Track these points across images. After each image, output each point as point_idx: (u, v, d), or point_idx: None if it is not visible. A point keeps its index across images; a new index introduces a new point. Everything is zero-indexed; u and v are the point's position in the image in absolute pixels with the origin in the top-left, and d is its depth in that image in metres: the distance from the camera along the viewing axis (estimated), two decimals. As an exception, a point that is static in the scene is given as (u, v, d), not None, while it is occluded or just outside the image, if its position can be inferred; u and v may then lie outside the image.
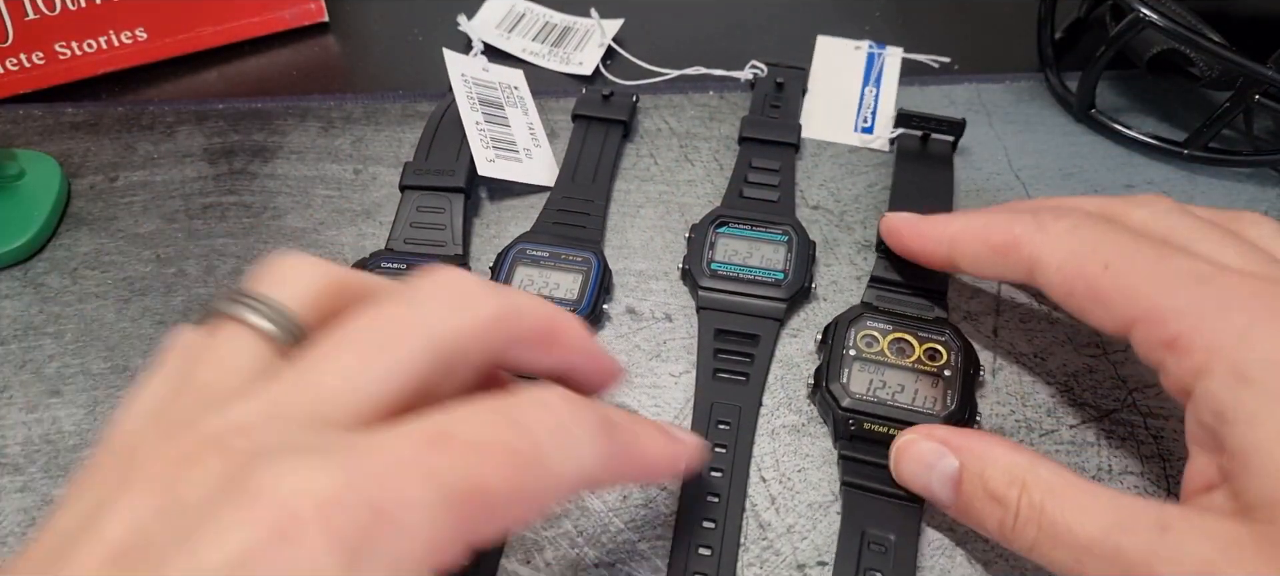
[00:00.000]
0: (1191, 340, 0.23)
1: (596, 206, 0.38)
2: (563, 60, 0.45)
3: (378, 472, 0.16)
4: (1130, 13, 0.37)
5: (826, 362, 0.31)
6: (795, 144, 0.39)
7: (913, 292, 0.33)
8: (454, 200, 0.37)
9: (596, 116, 0.41)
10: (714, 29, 0.48)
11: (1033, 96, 0.43)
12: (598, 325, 0.34)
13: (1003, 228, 0.28)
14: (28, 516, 0.29)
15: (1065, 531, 0.23)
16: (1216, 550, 0.22)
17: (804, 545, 0.28)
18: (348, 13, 0.49)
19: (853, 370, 0.31)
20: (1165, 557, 0.22)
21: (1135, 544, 0.22)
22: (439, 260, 0.35)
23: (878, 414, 0.29)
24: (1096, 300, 0.25)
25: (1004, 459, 0.25)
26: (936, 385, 0.30)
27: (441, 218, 0.36)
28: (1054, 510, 0.24)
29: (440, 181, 0.37)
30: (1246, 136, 0.40)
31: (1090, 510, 0.23)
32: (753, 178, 0.38)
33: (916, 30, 0.47)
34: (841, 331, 0.32)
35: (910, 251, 0.32)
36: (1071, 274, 0.26)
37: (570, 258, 0.35)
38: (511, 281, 0.34)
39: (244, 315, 0.20)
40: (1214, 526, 0.22)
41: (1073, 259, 0.26)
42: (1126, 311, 0.25)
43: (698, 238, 0.36)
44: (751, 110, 0.41)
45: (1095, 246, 0.26)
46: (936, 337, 0.31)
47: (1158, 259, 0.25)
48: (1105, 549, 0.23)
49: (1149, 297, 0.24)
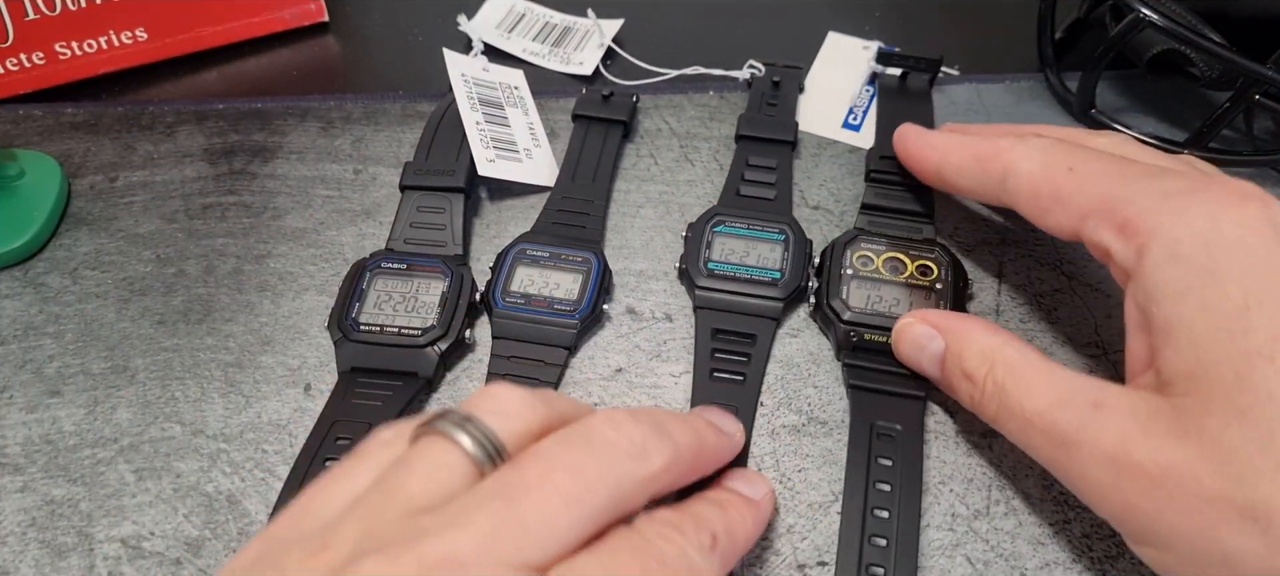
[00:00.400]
0: (1136, 224, 0.25)
1: (596, 206, 0.38)
2: (563, 60, 0.45)
3: None
4: (1130, 13, 0.37)
5: (826, 282, 0.33)
6: (792, 142, 0.39)
7: (902, 216, 0.36)
8: (454, 200, 0.37)
9: (596, 116, 0.41)
10: (714, 29, 0.48)
11: (1033, 96, 0.43)
12: (598, 326, 0.34)
13: (987, 141, 0.31)
14: (28, 516, 0.29)
15: (1016, 406, 0.26)
16: (1135, 425, 0.23)
17: (804, 545, 0.28)
18: (348, 13, 0.49)
19: (851, 287, 0.33)
20: (1092, 433, 0.24)
21: (1069, 419, 0.24)
22: (439, 260, 0.35)
23: (876, 325, 0.32)
24: (1057, 199, 0.27)
25: (979, 340, 0.28)
26: (929, 298, 0.33)
27: (441, 217, 0.36)
28: (1010, 386, 0.26)
29: (440, 181, 0.37)
30: (1246, 136, 0.40)
31: (1038, 387, 0.26)
32: (749, 176, 0.38)
33: (916, 30, 0.47)
34: (838, 253, 0.34)
35: (909, 156, 0.34)
36: (1038, 177, 0.28)
37: (570, 258, 0.35)
38: (511, 282, 0.34)
39: (461, 439, 0.21)
40: (1139, 403, 0.23)
41: (1042, 166, 0.28)
42: (1082, 205, 0.27)
43: (694, 237, 0.36)
44: (748, 109, 0.41)
45: (1064, 155, 0.28)
46: (927, 255, 0.34)
47: (1118, 164, 0.27)
48: (1044, 423, 0.25)
49: (1104, 190, 0.26)
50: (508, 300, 0.34)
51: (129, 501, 0.30)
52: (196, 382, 0.33)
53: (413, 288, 0.34)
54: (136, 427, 0.32)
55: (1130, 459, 0.23)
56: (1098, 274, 0.35)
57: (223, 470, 0.30)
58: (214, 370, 0.33)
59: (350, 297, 0.34)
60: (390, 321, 0.33)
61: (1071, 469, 0.25)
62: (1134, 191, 0.25)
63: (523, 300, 0.34)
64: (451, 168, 0.37)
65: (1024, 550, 0.28)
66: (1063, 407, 0.25)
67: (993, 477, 0.30)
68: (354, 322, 0.33)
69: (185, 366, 0.33)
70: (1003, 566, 0.28)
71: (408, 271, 0.34)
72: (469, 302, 0.33)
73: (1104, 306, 0.34)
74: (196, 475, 0.30)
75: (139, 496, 0.30)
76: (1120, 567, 0.27)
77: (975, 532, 0.28)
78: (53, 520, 0.29)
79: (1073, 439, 0.24)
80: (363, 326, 0.33)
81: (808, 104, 0.43)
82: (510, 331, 0.33)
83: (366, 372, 0.32)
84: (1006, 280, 0.35)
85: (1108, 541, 0.28)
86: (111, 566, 0.28)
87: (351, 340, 0.32)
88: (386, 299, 0.33)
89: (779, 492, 0.30)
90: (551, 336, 0.33)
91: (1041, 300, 0.35)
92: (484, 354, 0.33)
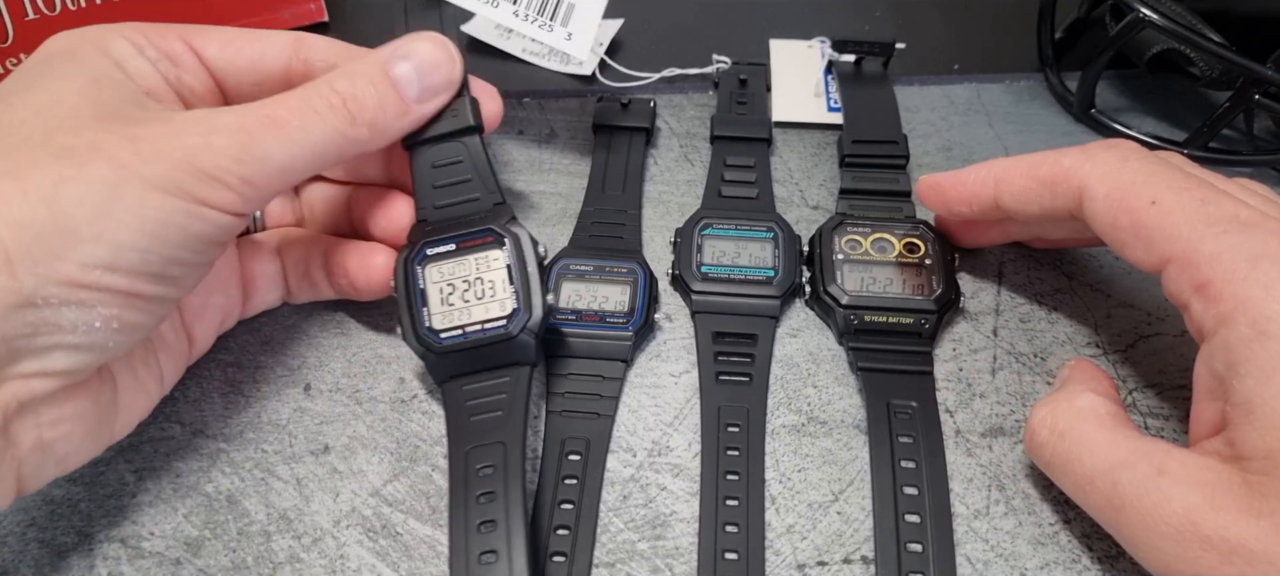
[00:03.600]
0: (1220, 289, 0.24)
1: (630, 216, 0.37)
2: (545, 29, 0.43)
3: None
4: (1130, 12, 0.37)
5: (820, 270, 0.34)
6: (768, 139, 0.39)
7: (882, 197, 0.37)
8: (469, 143, 0.31)
9: (619, 126, 0.41)
10: (714, 29, 0.48)
11: (1033, 96, 0.43)
12: (651, 335, 0.34)
13: (1051, 160, 0.29)
14: (28, 516, 0.29)
15: (1075, 463, 0.25)
16: (1203, 498, 0.22)
17: (804, 545, 0.28)
18: (348, 13, 0.49)
19: (844, 271, 0.34)
20: (1154, 500, 0.23)
21: (1131, 481, 0.24)
22: (486, 227, 0.30)
23: (876, 305, 0.33)
24: (1138, 236, 0.26)
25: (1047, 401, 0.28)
26: (920, 274, 0.33)
27: (463, 167, 0.31)
28: (1072, 441, 0.26)
29: (449, 126, 0.31)
30: (1246, 136, 0.40)
31: (1100, 445, 0.25)
32: (729, 176, 0.38)
33: (917, 30, 0.47)
34: (826, 240, 0.35)
35: (955, 200, 0.32)
36: (1117, 206, 0.27)
37: (615, 269, 0.34)
38: (559, 298, 0.33)
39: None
40: (1207, 473, 0.23)
41: (1121, 191, 0.27)
42: (1165, 250, 0.25)
43: (684, 242, 0.35)
44: (719, 108, 0.41)
45: (1145, 181, 0.26)
46: (912, 233, 0.35)
47: (1202, 201, 0.25)
48: (1105, 484, 0.24)
49: (1187, 239, 0.25)
50: (558, 317, 0.33)
51: (129, 501, 0.30)
52: (196, 382, 0.33)
53: (471, 268, 0.30)
54: (136, 427, 0.32)
55: (1198, 531, 0.22)
56: (1098, 274, 0.35)
57: (223, 470, 0.30)
58: (214, 370, 0.33)
59: (411, 299, 0.30)
60: (468, 320, 0.29)
61: (1132, 534, 0.24)
62: (1219, 248, 0.24)
63: (574, 316, 0.33)
64: (455, 109, 0.32)
65: (1024, 550, 0.28)
66: (1125, 469, 0.24)
67: (993, 477, 0.30)
68: (432, 332, 0.29)
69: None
70: (1003, 566, 0.28)
71: (458, 251, 0.30)
72: (537, 260, 0.30)
73: (1104, 306, 0.34)
74: (196, 475, 0.30)
75: (139, 496, 0.30)
76: (1120, 567, 0.27)
77: (975, 532, 0.28)
78: (53, 520, 0.29)
79: (1134, 504, 0.23)
80: (444, 336, 0.29)
81: (784, 99, 0.43)
82: (564, 349, 0.33)
83: (467, 377, 0.29)
84: (1006, 280, 0.35)
85: (1108, 541, 0.28)
86: (111, 566, 0.28)
87: (437, 352, 0.29)
88: (450, 291, 0.30)
89: (779, 492, 0.30)
90: (607, 350, 0.33)
91: (1041, 300, 0.35)
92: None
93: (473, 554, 0.26)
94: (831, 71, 0.43)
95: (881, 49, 0.42)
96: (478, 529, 0.26)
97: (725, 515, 0.28)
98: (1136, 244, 0.26)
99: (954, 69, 0.45)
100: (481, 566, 0.26)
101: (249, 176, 0.25)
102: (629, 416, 0.32)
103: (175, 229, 0.24)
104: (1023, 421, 0.31)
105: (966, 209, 0.32)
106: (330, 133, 0.27)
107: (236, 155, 0.25)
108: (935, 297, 0.33)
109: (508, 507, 0.26)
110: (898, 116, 0.40)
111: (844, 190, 0.37)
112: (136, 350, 0.28)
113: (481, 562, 0.26)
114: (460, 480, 0.27)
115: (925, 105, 0.43)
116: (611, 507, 0.29)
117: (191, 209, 0.24)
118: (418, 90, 0.29)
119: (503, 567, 0.25)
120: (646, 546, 0.28)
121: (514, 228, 0.30)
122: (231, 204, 0.25)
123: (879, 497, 0.28)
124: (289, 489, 0.30)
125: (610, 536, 0.29)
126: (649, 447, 0.31)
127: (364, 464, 0.30)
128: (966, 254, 0.36)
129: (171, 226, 0.24)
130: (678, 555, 0.28)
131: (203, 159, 0.24)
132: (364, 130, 0.28)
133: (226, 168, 0.25)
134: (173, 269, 0.25)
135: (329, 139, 0.27)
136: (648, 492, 0.30)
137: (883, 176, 0.37)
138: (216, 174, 0.24)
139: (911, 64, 0.45)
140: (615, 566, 0.28)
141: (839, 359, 0.33)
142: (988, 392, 0.32)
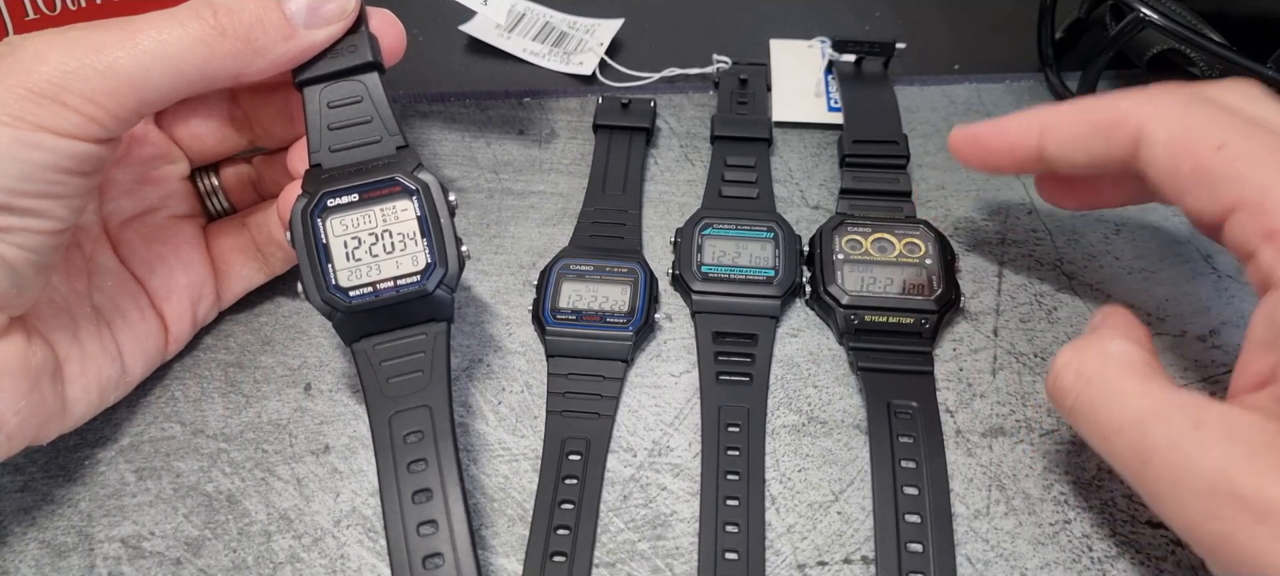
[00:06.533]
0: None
1: (631, 216, 0.37)
2: (563, 60, 0.45)
3: None
4: (1130, 12, 0.37)
5: (820, 270, 0.34)
6: (768, 139, 0.40)
7: (882, 197, 0.37)
8: (368, 80, 0.29)
9: (619, 125, 0.41)
10: (714, 29, 0.48)
11: (1033, 96, 0.43)
12: (651, 335, 0.34)
13: (1105, 104, 0.27)
14: (28, 516, 0.29)
15: (1102, 409, 0.24)
16: (1243, 453, 0.21)
17: (804, 545, 0.28)
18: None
19: (844, 271, 0.34)
20: (1186, 453, 0.21)
21: (1161, 434, 0.22)
22: (380, 163, 0.28)
23: (876, 305, 0.33)
24: (1202, 181, 0.24)
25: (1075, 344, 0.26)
26: (921, 274, 0.33)
27: (362, 108, 0.29)
28: (1098, 387, 0.24)
29: (344, 63, 0.29)
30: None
31: (1130, 392, 0.23)
32: (730, 176, 0.38)
33: (917, 30, 0.47)
34: (827, 240, 0.35)
35: (997, 150, 0.30)
36: (1179, 150, 0.25)
37: (615, 269, 0.35)
38: (560, 299, 0.33)
39: None
40: (1249, 429, 0.21)
41: (1184, 134, 0.25)
42: (1232, 195, 0.24)
43: (684, 241, 0.36)
44: (719, 108, 0.42)
45: (1211, 124, 0.24)
46: (912, 233, 0.35)
47: (1276, 146, 0.24)
48: (1134, 434, 0.23)
49: (1258, 185, 0.23)
50: (559, 317, 0.33)
51: (129, 501, 0.30)
52: (196, 382, 0.33)
53: (377, 220, 0.28)
54: (136, 427, 0.32)
55: (1232, 488, 0.20)
56: (1098, 274, 0.35)
57: (223, 470, 0.30)
58: (214, 370, 0.33)
59: (313, 254, 0.27)
60: (379, 276, 0.27)
61: (1158, 489, 0.22)
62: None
63: (574, 316, 0.33)
64: (352, 43, 0.29)
65: (1024, 550, 0.28)
66: (1156, 420, 0.22)
67: (993, 477, 0.30)
68: (339, 290, 0.27)
69: (185, 366, 0.33)
70: (1003, 566, 0.28)
71: (362, 202, 0.28)
72: (449, 208, 0.28)
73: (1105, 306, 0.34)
74: (196, 475, 0.30)
75: (139, 496, 0.30)
76: (1120, 567, 0.27)
77: (975, 532, 0.28)
78: (53, 520, 0.29)
79: (1163, 455, 0.22)
80: (353, 294, 0.27)
81: (786, 99, 0.43)
82: (565, 348, 0.33)
83: (378, 336, 0.28)
84: (1006, 280, 0.35)
85: (1108, 541, 0.28)
86: (111, 566, 0.28)
87: (345, 311, 0.27)
88: (356, 245, 0.27)
89: (779, 492, 0.30)
90: (608, 350, 0.33)
91: (1041, 300, 0.35)
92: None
93: (409, 525, 0.25)
94: (832, 71, 0.43)
95: (882, 49, 0.42)
96: (412, 498, 0.25)
97: (725, 515, 0.28)
98: (1200, 190, 0.24)
99: (954, 69, 0.45)
100: (421, 537, 0.25)
101: (91, 93, 0.23)
102: (629, 416, 0.32)
103: (9, 160, 0.22)
104: (1023, 421, 0.31)
105: (1008, 160, 0.30)
106: (193, 43, 0.25)
107: (73, 70, 0.23)
108: (936, 298, 0.33)
109: (443, 475, 0.25)
110: (898, 116, 0.40)
111: (844, 190, 0.37)
112: (80, 320, 0.26)
113: (420, 533, 0.25)
114: (386, 448, 0.26)
115: (925, 105, 0.43)
116: (612, 507, 0.29)
117: (25, 136, 0.22)
118: (306, 15, 0.27)
119: (443, 538, 0.25)
120: (647, 546, 0.28)
121: (421, 175, 0.28)
122: (76, 127, 0.23)
123: (879, 497, 0.28)
124: (289, 488, 0.30)
125: (610, 536, 0.29)
126: (649, 447, 0.31)
127: (364, 464, 0.30)
128: (966, 254, 0.36)
129: (4, 157, 0.22)
130: (678, 555, 0.28)
131: (32, 78, 0.22)
132: (237, 43, 0.26)
133: (63, 85, 0.23)
134: (24, 201, 0.23)
135: (191, 50, 0.25)
136: (648, 492, 0.30)
137: (883, 176, 0.37)
138: (52, 94, 0.22)
139: (912, 64, 0.45)
140: (615, 566, 0.28)
141: (839, 359, 0.33)
142: (988, 393, 0.32)
